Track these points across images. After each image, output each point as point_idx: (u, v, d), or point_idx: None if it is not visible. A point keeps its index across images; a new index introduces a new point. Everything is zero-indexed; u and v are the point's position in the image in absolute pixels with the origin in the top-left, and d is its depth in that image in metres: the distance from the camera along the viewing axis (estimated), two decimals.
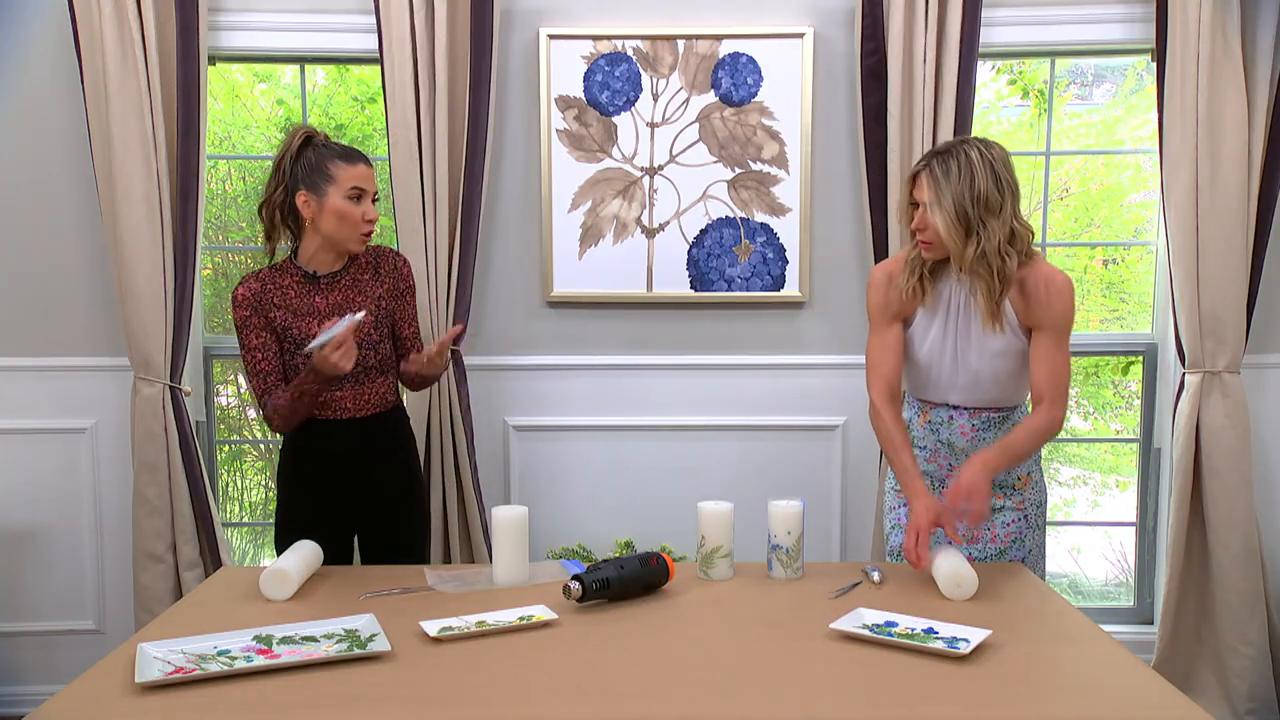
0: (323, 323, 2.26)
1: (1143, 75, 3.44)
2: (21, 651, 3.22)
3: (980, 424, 2.26)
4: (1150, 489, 3.35)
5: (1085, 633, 1.80)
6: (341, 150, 2.30)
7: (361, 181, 2.27)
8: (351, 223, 2.27)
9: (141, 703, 1.53)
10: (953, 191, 2.08)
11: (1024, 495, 2.30)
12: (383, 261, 2.41)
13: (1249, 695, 3.05)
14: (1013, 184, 2.12)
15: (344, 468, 2.38)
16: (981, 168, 2.08)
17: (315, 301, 2.32)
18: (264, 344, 2.29)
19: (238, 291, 2.30)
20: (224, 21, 3.09)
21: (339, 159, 2.27)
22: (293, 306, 2.31)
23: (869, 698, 1.55)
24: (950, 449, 2.30)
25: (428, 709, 1.52)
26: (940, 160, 2.11)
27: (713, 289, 3.17)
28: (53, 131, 3.09)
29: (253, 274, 2.33)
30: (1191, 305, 3.00)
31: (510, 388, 3.21)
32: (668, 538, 3.09)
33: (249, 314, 2.29)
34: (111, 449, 3.18)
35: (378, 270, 2.40)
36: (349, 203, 2.26)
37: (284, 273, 2.33)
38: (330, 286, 2.34)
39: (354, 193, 2.26)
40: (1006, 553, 2.28)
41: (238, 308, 2.29)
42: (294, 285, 2.32)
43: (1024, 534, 2.29)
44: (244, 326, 2.29)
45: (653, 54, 3.09)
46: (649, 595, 2.02)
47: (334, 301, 2.33)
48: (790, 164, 3.11)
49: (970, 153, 2.09)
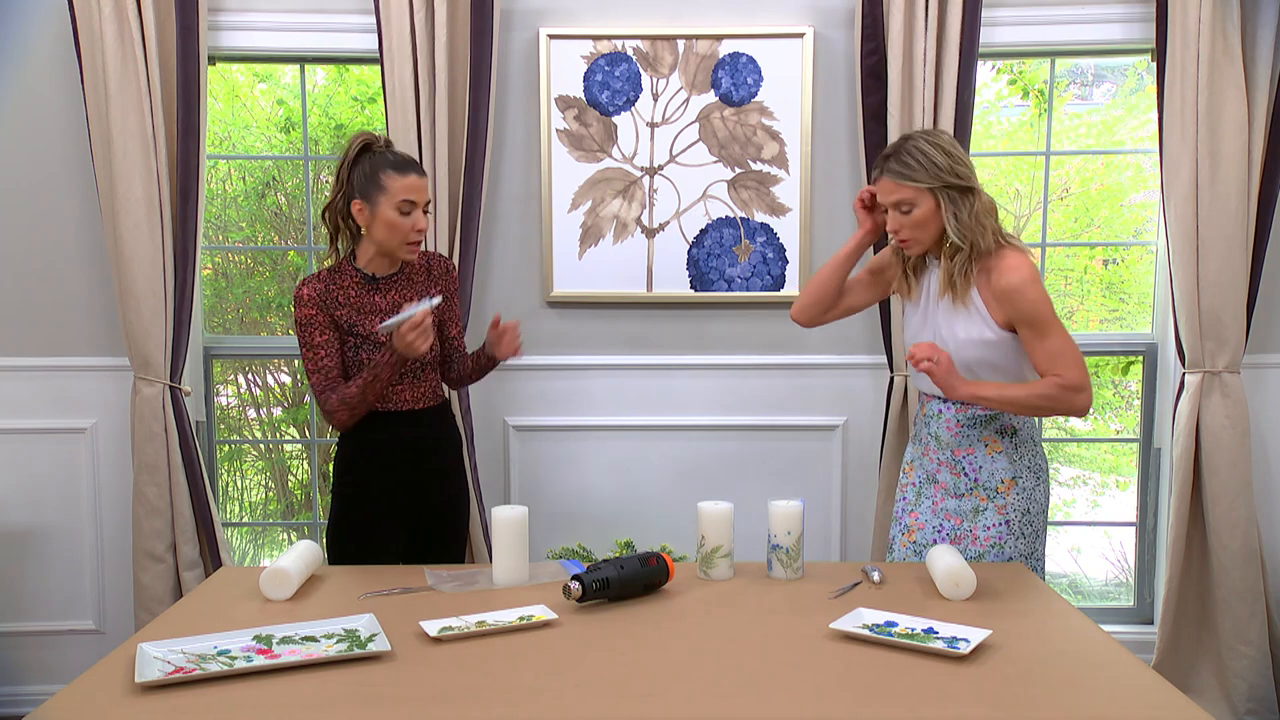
0: (384, 319, 2.33)
1: (1143, 75, 3.44)
2: (21, 651, 3.22)
3: (966, 420, 2.26)
4: (1150, 489, 3.35)
5: (1085, 633, 1.80)
6: (395, 160, 2.32)
7: (412, 194, 2.30)
8: (401, 233, 2.32)
9: (141, 703, 1.53)
10: (924, 175, 2.15)
11: (1006, 500, 2.25)
12: (434, 265, 2.49)
13: (1249, 695, 3.05)
14: (967, 159, 2.20)
15: (407, 458, 2.43)
16: (934, 150, 2.16)
17: (375, 300, 2.38)
18: (328, 341, 2.34)
19: (302, 291, 2.34)
20: (224, 21, 3.09)
21: (391, 169, 2.30)
22: (355, 304, 2.36)
23: (869, 698, 1.54)
24: (937, 441, 2.31)
25: (428, 709, 1.52)
26: (896, 159, 2.17)
27: (713, 289, 3.17)
28: (53, 131, 3.09)
29: (314, 275, 2.38)
30: (1191, 305, 3.00)
31: (510, 388, 3.21)
32: (668, 538, 3.09)
33: (315, 312, 2.32)
34: (111, 449, 3.18)
35: (430, 272, 2.48)
36: (398, 214, 2.30)
37: (343, 274, 2.38)
38: (388, 287, 2.40)
39: (405, 206, 2.30)
40: (984, 556, 2.25)
41: (302, 306, 2.33)
42: (354, 286, 2.37)
43: (1004, 540, 2.25)
44: (309, 324, 2.33)
45: (653, 54, 3.09)
46: (649, 595, 2.02)
47: (392, 300, 2.39)
48: (790, 164, 3.11)
49: (919, 143, 2.17)
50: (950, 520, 2.28)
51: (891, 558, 2.37)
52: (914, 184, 2.15)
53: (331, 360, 2.34)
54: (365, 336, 2.35)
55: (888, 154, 2.20)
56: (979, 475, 2.26)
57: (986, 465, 2.26)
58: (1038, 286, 2.14)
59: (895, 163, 2.17)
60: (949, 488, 2.29)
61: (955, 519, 2.28)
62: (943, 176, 2.14)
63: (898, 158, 2.17)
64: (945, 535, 2.28)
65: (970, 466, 2.27)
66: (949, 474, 2.29)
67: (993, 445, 2.26)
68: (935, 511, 2.30)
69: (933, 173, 2.14)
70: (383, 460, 2.42)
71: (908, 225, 2.19)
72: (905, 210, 2.18)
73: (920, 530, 2.31)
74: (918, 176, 2.14)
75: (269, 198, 3.62)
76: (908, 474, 2.40)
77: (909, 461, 2.40)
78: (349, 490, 2.44)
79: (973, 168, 2.21)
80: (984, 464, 2.26)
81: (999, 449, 2.26)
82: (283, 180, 3.65)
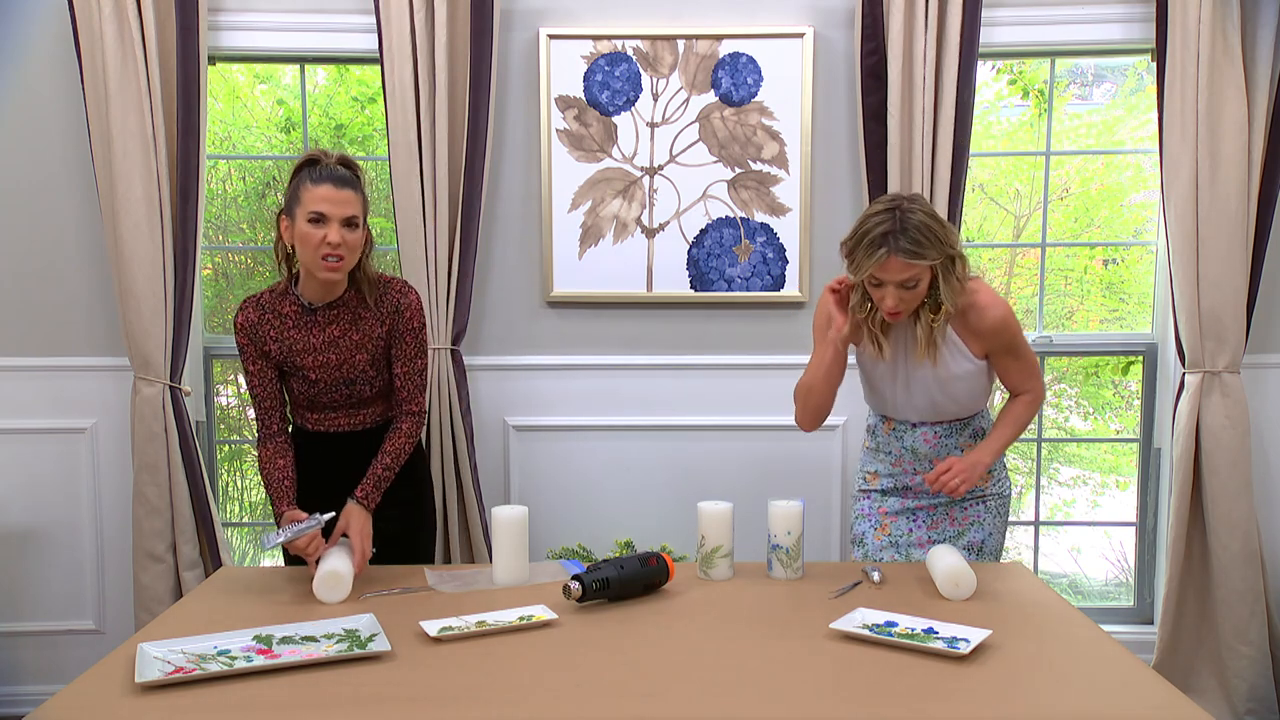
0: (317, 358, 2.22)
1: (1143, 75, 3.44)
2: (21, 651, 3.22)
3: (943, 431, 2.34)
4: (1150, 489, 3.35)
5: (1085, 633, 1.80)
6: (316, 172, 2.13)
7: (322, 204, 2.10)
8: (311, 246, 2.11)
9: (141, 703, 1.53)
10: (934, 252, 2.11)
11: (984, 489, 2.37)
12: (384, 302, 2.25)
13: (1249, 695, 3.05)
14: (948, 222, 2.24)
15: (340, 471, 2.33)
16: (934, 223, 2.11)
17: (311, 336, 2.23)
18: (260, 370, 2.26)
19: (237, 318, 2.26)
20: (224, 21, 3.09)
21: (309, 180, 2.13)
22: (288, 340, 2.24)
23: (869, 698, 1.54)
24: (914, 454, 2.36)
25: (428, 709, 1.52)
26: (906, 238, 2.08)
27: (713, 289, 3.17)
28: (53, 131, 3.09)
29: (253, 299, 2.27)
30: (1191, 305, 3.00)
31: (510, 388, 3.21)
32: (668, 538, 3.09)
33: (245, 341, 2.26)
34: (111, 449, 3.18)
35: (378, 308, 2.24)
36: (309, 225, 2.11)
37: (283, 300, 2.25)
38: (328, 320, 2.23)
39: (314, 215, 2.10)
40: (965, 534, 2.34)
41: (236, 333, 2.27)
42: (292, 314, 2.24)
43: (983, 518, 2.36)
44: (241, 351, 2.27)
45: (653, 54, 3.09)
46: (649, 595, 2.02)
47: (331, 336, 2.23)
48: (790, 164, 3.11)
49: (919, 217, 2.09)
50: (924, 509, 2.37)
51: (864, 551, 2.39)
52: (926, 262, 2.10)
53: (264, 389, 2.27)
54: (296, 368, 2.25)
55: (890, 231, 2.08)
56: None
57: None
58: (1013, 316, 2.25)
59: (906, 241, 2.07)
60: (923, 489, 2.37)
61: (929, 506, 2.36)
62: (945, 249, 2.13)
63: (907, 236, 2.08)
64: (921, 523, 2.35)
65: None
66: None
67: (968, 449, 2.35)
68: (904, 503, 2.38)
69: (940, 248, 2.11)
70: (315, 469, 2.34)
71: (908, 300, 2.15)
72: (910, 286, 2.12)
73: (894, 522, 2.37)
74: (930, 255, 2.09)
75: (269, 198, 3.62)
76: (870, 481, 2.44)
77: (872, 472, 2.44)
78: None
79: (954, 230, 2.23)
80: None
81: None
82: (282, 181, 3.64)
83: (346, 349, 2.24)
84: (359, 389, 2.27)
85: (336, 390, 2.26)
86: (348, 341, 2.24)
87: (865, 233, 2.11)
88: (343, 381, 2.25)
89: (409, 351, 2.27)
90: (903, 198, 2.14)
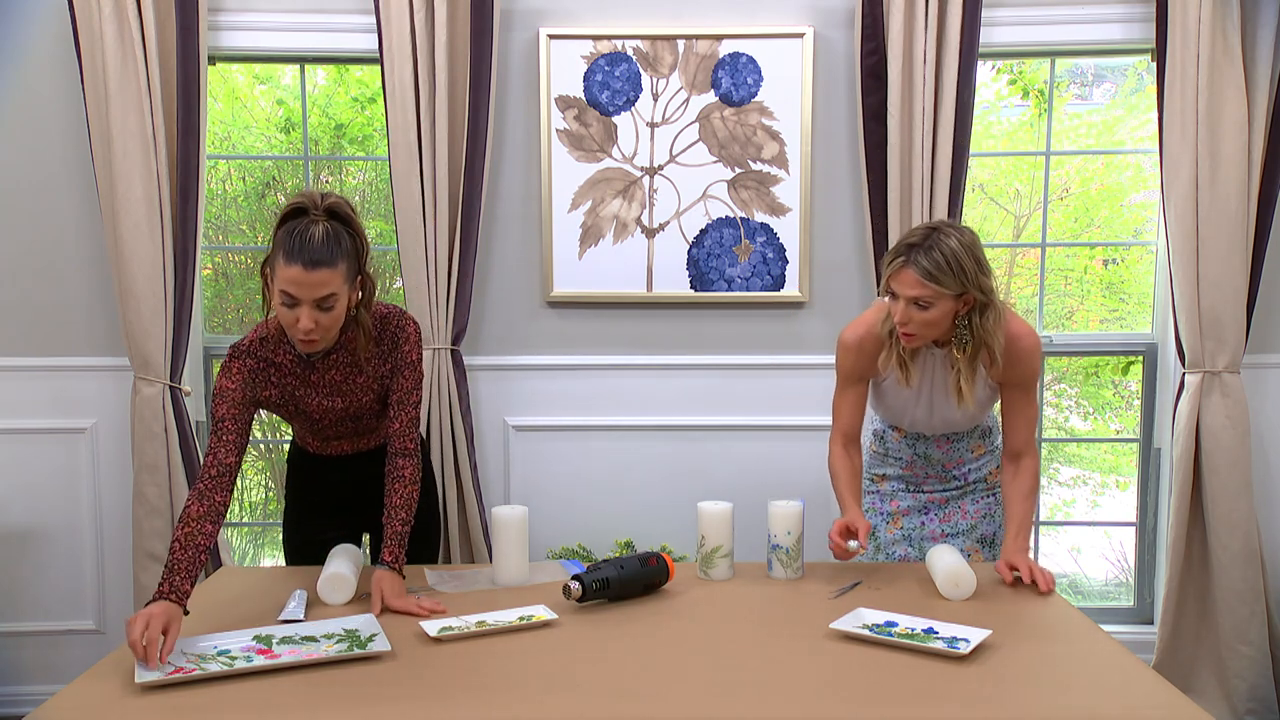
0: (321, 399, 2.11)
1: (1143, 75, 3.44)
2: (21, 651, 3.22)
3: (954, 437, 2.35)
4: (1150, 489, 3.35)
5: (1085, 633, 1.80)
6: (290, 245, 1.88)
7: (290, 287, 1.88)
8: (286, 324, 1.94)
9: (141, 703, 1.53)
10: (951, 282, 2.01)
11: (991, 482, 2.39)
12: (385, 335, 2.10)
13: (1249, 695, 3.05)
14: (988, 265, 2.08)
15: (347, 488, 2.33)
16: (965, 255, 2.02)
17: (311, 384, 2.09)
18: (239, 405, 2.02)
19: (232, 365, 2.03)
20: (224, 21, 3.09)
21: (283, 254, 1.88)
22: (289, 387, 2.09)
23: (869, 698, 1.54)
24: (926, 460, 2.37)
25: (428, 709, 1.52)
26: (925, 255, 2.01)
27: (713, 289, 3.17)
28: (53, 131, 3.09)
29: (248, 348, 2.05)
30: (1191, 305, 3.00)
31: (510, 388, 3.21)
32: (668, 538, 3.09)
33: (234, 386, 2.02)
34: (111, 449, 3.18)
35: (378, 343, 2.09)
36: (282, 304, 1.91)
37: (279, 348, 2.06)
38: (327, 366, 2.08)
39: (285, 298, 1.90)
40: (977, 528, 2.36)
41: (224, 376, 2.03)
42: (288, 364, 2.07)
43: (994, 510, 2.38)
44: (221, 394, 2.02)
45: (653, 54, 3.09)
46: (649, 595, 2.02)
47: (332, 381, 2.10)
48: (790, 164, 3.11)
49: (949, 242, 2.01)
50: (935, 501, 2.38)
51: (875, 544, 2.39)
52: (938, 286, 2.01)
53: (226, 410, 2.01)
54: (298, 411, 2.13)
55: (914, 244, 2.03)
56: (968, 475, 2.37)
57: (974, 466, 2.37)
58: (1040, 350, 2.20)
59: (924, 258, 2.00)
60: (935, 489, 2.39)
61: (940, 499, 2.38)
62: (967, 287, 2.02)
63: (928, 254, 2.00)
64: (934, 515, 2.36)
65: (959, 472, 2.37)
66: (937, 482, 2.39)
67: (977, 449, 2.37)
68: (916, 499, 2.39)
69: (958, 280, 2.01)
70: (321, 486, 2.33)
71: (918, 321, 2.06)
72: (922, 306, 2.04)
73: (906, 517, 2.38)
74: (945, 282, 2.00)
75: (269, 198, 3.62)
76: (879, 484, 2.44)
77: (880, 474, 2.44)
78: (290, 508, 2.39)
79: (993, 276, 2.08)
80: (972, 466, 2.37)
81: (983, 450, 2.38)
82: (283, 181, 3.65)
83: (351, 392, 2.12)
84: (365, 422, 2.23)
85: (342, 425, 2.21)
86: (351, 385, 2.11)
87: (900, 242, 2.08)
88: (349, 418, 2.19)
89: (406, 385, 2.12)
90: (949, 224, 2.07)
